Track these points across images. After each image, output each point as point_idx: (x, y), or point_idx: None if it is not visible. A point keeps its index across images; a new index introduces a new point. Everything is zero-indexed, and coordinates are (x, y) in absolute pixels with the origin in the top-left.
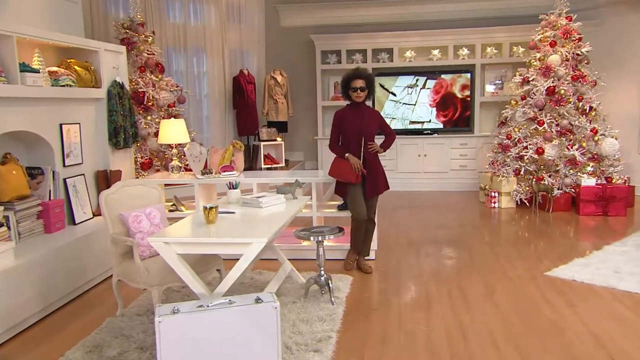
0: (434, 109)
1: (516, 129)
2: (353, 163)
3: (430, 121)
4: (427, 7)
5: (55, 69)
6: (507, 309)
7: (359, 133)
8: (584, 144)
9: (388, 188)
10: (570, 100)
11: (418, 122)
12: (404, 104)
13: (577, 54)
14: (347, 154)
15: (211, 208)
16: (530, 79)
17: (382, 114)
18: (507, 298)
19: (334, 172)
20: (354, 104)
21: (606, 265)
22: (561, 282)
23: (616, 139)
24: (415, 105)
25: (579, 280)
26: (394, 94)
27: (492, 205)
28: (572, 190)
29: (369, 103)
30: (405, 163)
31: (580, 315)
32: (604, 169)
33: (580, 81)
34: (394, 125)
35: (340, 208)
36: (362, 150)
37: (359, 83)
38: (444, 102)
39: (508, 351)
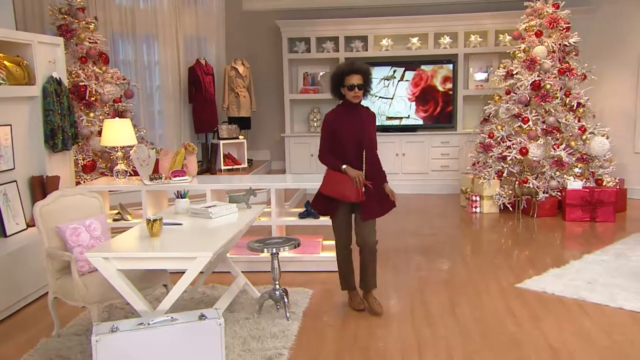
0: (413, 103)
1: (499, 127)
2: (354, 176)
3: (409, 117)
4: None
5: None
6: (469, 323)
7: (358, 141)
8: (571, 144)
9: (394, 206)
10: (557, 95)
11: (396, 118)
12: (380, 97)
13: (565, 45)
14: (344, 166)
15: (155, 220)
16: (514, 72)
17: None
18: (471, 312)
19: (329, 189)
20: (348, 104)
21: (581, 276)
22: (530, 294)
23: (607, 137)
24: (392, 99)
25: (550, 292)
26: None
27: (474, 210)
28: (559, 193)
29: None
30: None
31: (543, 329)
32: (593, 170)
33: (567, 75)
34: None
35: (302, 216)
36: (363, 162)
37: (356, 79)
38: (424, 96)
39: None
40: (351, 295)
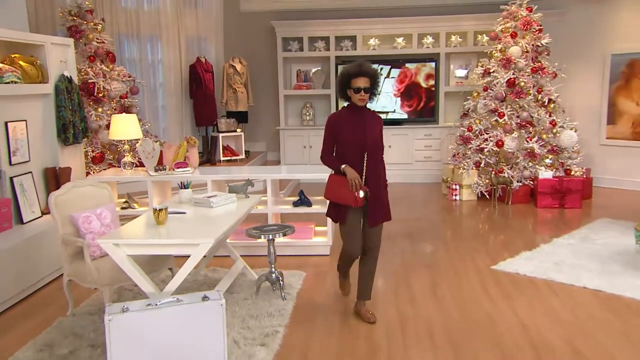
0: (399, 98)
1: (477, 121)
2: (351, 178)
3: (394, 111)
4: None
5: None
6: (449, 302)
7: (361, 145)
8: (543, 136)
9: (390, 219)
10: (530, 92)
11: (382, 112)
12: None
13: (537, 46)
14: (343, 166)
15: (161, 210)
16: (491, 71)
17: (345, 104)
18: (451, 292)
19: (330, 193)
20: (353, 107)
21: (550, 258)
22: (504, 275)
23: (575, 131)
24: (379, 94)
25: (522, 273)
26: None
27: (454, 197)
28: (531, 182)
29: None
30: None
31: (515, 307)
32: (562, 161)
33: (539, 73)
34: None
35: (296, 204)
36: (364, 166)
37: (363, 82)
38: (409, 92)
39: (441, 342)
40: (343, 282)
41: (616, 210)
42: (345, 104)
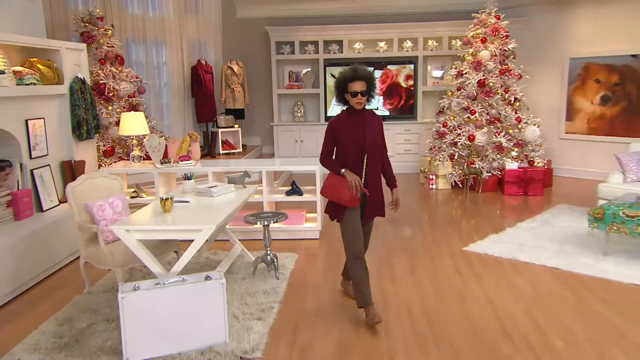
0: (381, 97)
1: (452, 118)
2: (351, 180)
3: (377, 109)
4: (375, 2)
5: (19, 68)
6: (425, 281)
7: (360, 147)
8: (510, 131)
9: (383, 214)
10: (498, 92)
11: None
12: None
13: (505, 50)
14: (343, 170)
15: (167, 199)
16: (464, 72)
17: (333, 102)
18: (427, 272)
19: (327, 192)
20: (351, 109)
21: (514, 240)
22: (474, 256)
23: (538, 126)
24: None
25: (490, 253)
26: None
27: (430, 187)
28: (499, 172)
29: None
30: None
31: (482, 284)
32: (526, 153)
33: (506, 75)
34: None
35: (288, 193)
36: (363, 167)
37: (359, 86)
38: (390, 91)
39: (418, 316)
40: (367, 311)
41: (573, 197)
42: (345, 107)
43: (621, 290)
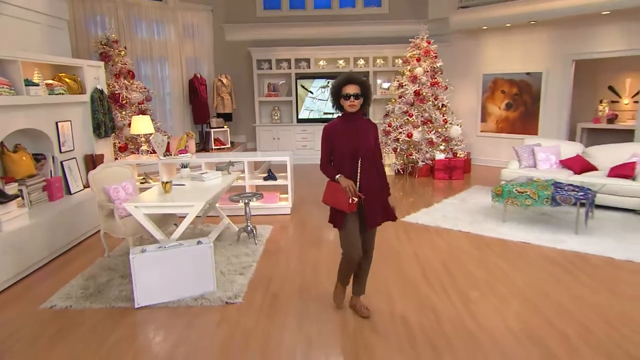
0: None
1: (395, 119)
2: (345, 185)
3: (334, 114)
4: (335, 29)
5: (50, 81)
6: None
7: (354, 151)
8: (438, 130)
9: (395, 218)
10: (430, 99)
11: (329, 113)
12: (319, 99)
13: (434, 67)
14: (337, 175)
15: (167, 182)
16: (403, 84)
17: (303, 107)
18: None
19: (327, 198)
20: (346, 115)
21: (439, 212)
22: (409, 225)
23: (460, 126)
24: (327, 100)
25: (420, 222)
26: (312, 92)
27: None
28: (430, 162)
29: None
30: (319, 144)
31: (413, 245)
32: (451, 147)
33: (436, 86)
34: (313, 115)
35: (266, 179)
36: (358, 172)
37: (352, 89)
38: None
39: None
40: (338, 290)
41: (485, 180)
42: (341, 114)
43: (512, 246)
